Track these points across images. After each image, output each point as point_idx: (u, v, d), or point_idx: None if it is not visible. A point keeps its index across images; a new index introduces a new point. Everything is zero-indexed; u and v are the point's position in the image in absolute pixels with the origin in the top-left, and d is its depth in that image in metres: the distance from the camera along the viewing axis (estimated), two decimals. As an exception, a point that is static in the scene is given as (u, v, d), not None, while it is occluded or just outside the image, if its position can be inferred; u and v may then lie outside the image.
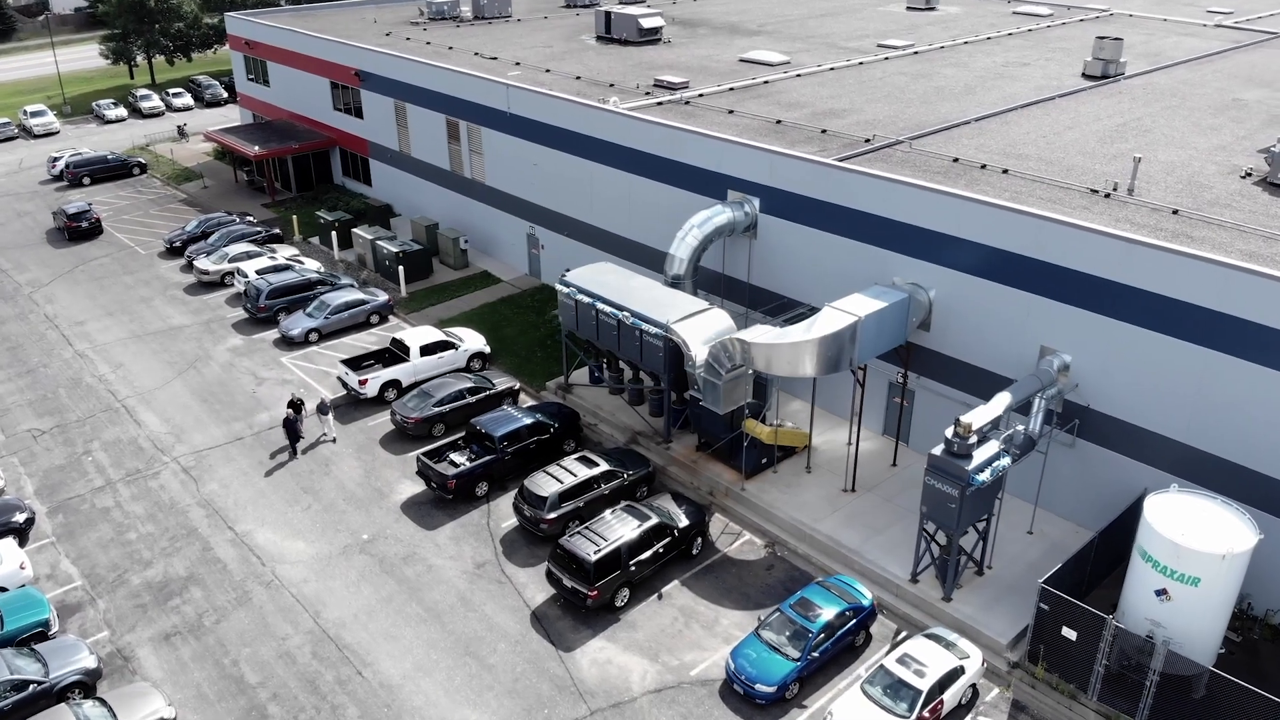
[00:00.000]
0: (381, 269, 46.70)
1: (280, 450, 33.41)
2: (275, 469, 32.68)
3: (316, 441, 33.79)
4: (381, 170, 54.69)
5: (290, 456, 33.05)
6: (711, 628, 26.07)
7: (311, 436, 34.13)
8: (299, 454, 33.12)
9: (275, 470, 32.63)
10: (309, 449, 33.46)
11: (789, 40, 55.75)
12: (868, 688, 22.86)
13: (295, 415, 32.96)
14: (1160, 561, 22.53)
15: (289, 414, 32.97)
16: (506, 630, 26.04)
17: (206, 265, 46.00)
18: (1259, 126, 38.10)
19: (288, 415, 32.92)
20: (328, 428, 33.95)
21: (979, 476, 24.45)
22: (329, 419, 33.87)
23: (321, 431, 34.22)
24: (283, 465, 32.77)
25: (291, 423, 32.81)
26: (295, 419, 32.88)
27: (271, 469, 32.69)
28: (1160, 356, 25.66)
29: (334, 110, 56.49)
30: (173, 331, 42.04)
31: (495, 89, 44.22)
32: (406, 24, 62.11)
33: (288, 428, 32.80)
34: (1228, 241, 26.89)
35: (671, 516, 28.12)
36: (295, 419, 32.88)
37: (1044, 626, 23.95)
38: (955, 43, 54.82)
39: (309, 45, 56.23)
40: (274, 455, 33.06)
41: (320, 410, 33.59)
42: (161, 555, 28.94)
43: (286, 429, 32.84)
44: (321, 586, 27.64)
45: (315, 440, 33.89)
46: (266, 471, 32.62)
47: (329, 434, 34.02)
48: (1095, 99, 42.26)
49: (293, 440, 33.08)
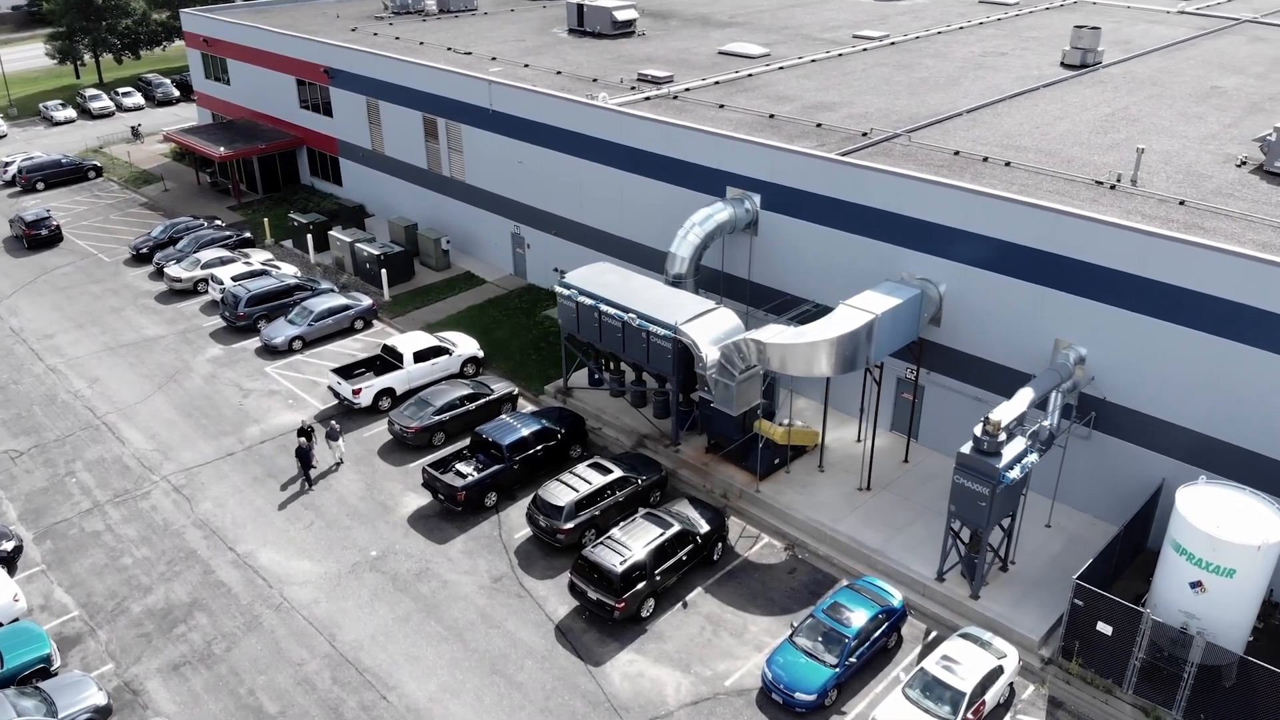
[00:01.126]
0: (361, 272, 45.45)
1: (292, 480, 31.52)
2: (272, 485, 31.54)
3: (329, 469, 32.12)
4: (353, 170, 53.27)
5: (303, 487, 31.24)
6: (741, 635, 25.66)
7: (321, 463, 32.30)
8: (312, 484, 31.43)
9: (273, 487, 31.49)
10: (321, 477, 31.72)
11: (763, 32, 55.35)
12: (909, 691, 22.63)
13: (308, 443, 31.09)
14: (1195, 554, 22.58)
15: (301, 442, 31.03)
16: (532, 646, 25.36)
17: (178, 272, 44.35)
18: (1242, 114, 38.59)
19: (300, 443, 31.01)
20: (339, 454, 32.33)
21: (1009, 474, 24.33)
22: (339, 444, 32.20)
23: (334, 459, 32.44)
24: (283, 484, 31.44)
25: (305, 451, 30.84)
26: (309, 447, 30.95)
27: (269, 486, 31.55)
28: (1178, 348, 25.74)
29: (300, 109, 54.86)
30: (148, 343, 40.44)
31: (476, 85, 43.18)
32: (371, 19, 60.56)
33: (300, 456, 30.88)
34: (1239, 232, 27.06)
35: (692, 523, 27.64)
36: (309, 447, 30.95)
37: (1078, 622, 23.94)
38: (929, 33, 54.88)
39: (274, 42, 54.49)
40: (285, 486, 31.20)
41: (330, 436, 31.94)
42: (161, 580, 27.73)
43: (299, 458, 30.91)
44: (334, 607, 26.69)
45: (327, 468, 32.17)
46: (263, 488, 31.46)
47: (340, 460, 32.41)
48: (1078, 89, 42.49)
49: (305, 469, 31.18)
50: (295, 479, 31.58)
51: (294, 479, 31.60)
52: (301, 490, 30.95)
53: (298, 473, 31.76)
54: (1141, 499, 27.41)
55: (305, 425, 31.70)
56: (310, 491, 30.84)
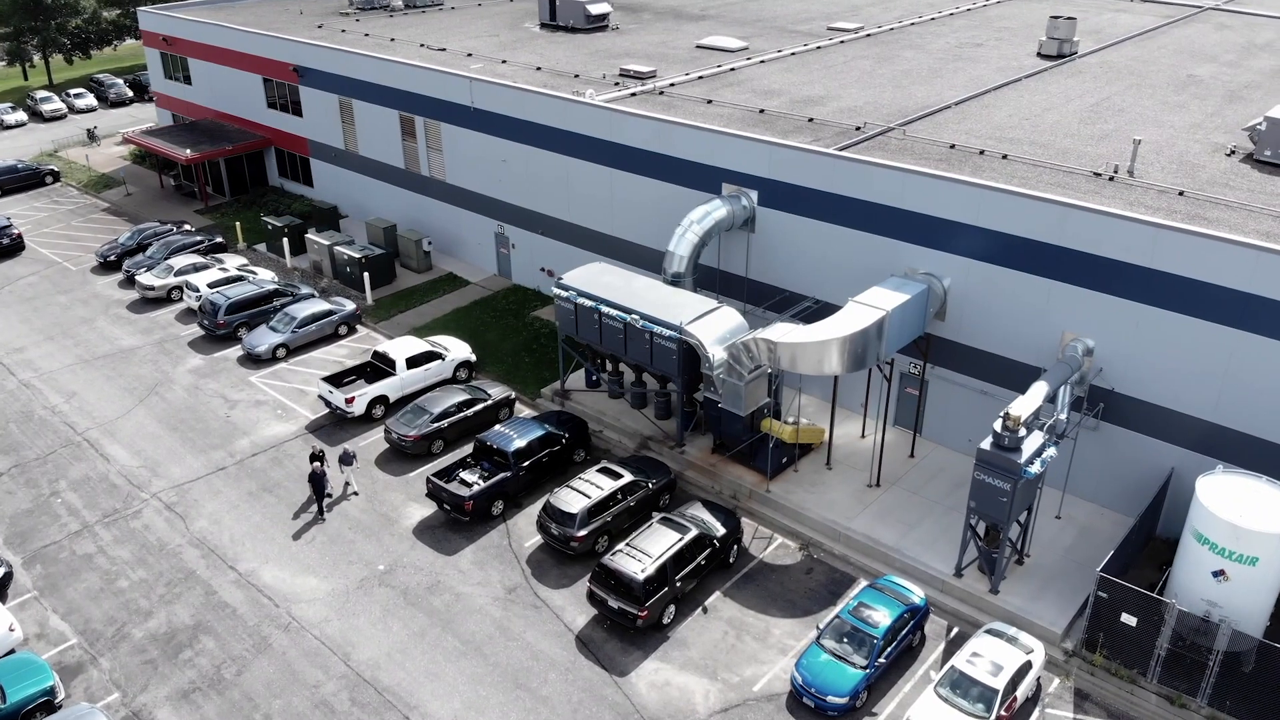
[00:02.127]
0: (341, 276, 44.39)
1: (304, 509, 29.98)
2: (269, 500, 30.63)
3: (343, 496, 30.60)
4: (324, 170, 52.01)
5: (318, 515, 29.71)
6: (764, 639, 25.41)
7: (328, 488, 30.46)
8: (326, 513, 29.89)
9: (270, 502, 30.58)
10: (333, 505, 30.20)
11: (737, 25, 55.06)
12: (942, 690, 22.55)
13: (322, 469, 29.50)
14: (1218, 544, 22.80)
15: (315, 467, 29.41)
16: (554, 658, 24.88)
17: (150, 280, 42.93)
18: (1222, 103, 39.14)
19: (313, 470, 29.39)
20: (351, 479, 30.79)
21: (1030, 468, 24.35)
22: (353, 471, 30.71)
23: (346, 485, 30.78)
24: (295, 513, 30.06)
25: (319, 478, 29.28)
26: (323, 473, 29.42)
27: (265, 501, 30.62)
28: (1188, 338, 25.95)
29: (268, 108, 53.41)
30: (124, 354, 39.08)
31: (457, 83, 42.31)
32: (336, 15, 59.18)
33: (314, 483, 29.31)
34: (1240, 222, 27.35)
35: (709, 526, 27.32)
36: (323, 473, 29.42)
37: (1101, 614, 24.05)
38: (902, 24, 55.02)
39: (239, 40, 52.95)
40: (297, 515, 29.62)
41: (344, 461, 30.27)
42: (161, 603, 26.75)
43: (313, 485, 29.35)
44: (346, 625, 25.95)
45: (341, 495, 30.69)
46: (260, 504, 30.52)
47: (352, 486, 30.79)
48: (1059, 79, 42.81)
49: (320, 497, 29.60)
50: (307, 507, 30.04)
51: (305, 507, 30.02)
52: (315, 519, 29.58)
53: (311, 500, 30.29)
54: (1152, 488, 27.67)
55: (317, 450, 30.14)
56: (324, 521, 29.52)
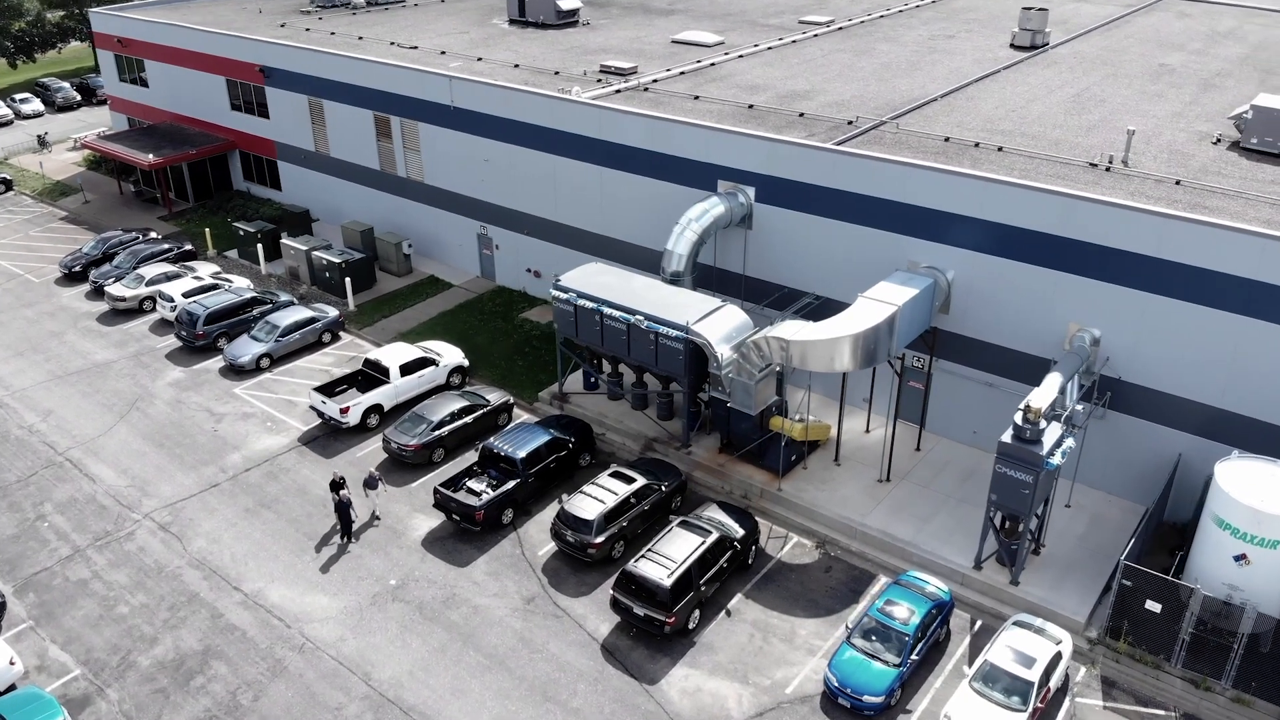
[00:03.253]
0: (320, 281, 43.28)
1: (328, 539, 28.44)
2: (268, 516, 29.69)
3: (368, 522, 29.24)
4: (293, 173, 50.70)
5: (344, 544, 28.32)
6: (791, 640, 25.24)
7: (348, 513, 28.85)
8: (354, 541, 28.49)
9: (269, 519, 29.65)
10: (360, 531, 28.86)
11: (707, 19, 54.80)
12: (976, 685, 22.57)
13: (348, 495, 28.14)
14: (1240, 528, 23.13)
15: (344, 494, 28.03)
16: (581, 668, 24.44)
17: (121, 291, 41.44)
18: (1198, 91, 39.84)
19: (340, 497, 28.00)
20: (375, 504, 29.55)
21: (1052, 460, 24.48)
22: (377, 495, 29.45)
23: (370, 512, 29.49)
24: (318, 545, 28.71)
25: (344, 505, 27.96)
26: (348, 500, 28.08)
27: (264, 517, 29.68)
28: (1195, 326, 26.29)
29: (232, 110, 51.89)
30: (99, 369, 37.65)
31: (436, 82, 41.43)
32: (296, 13, 57.71)
33: (340, 512, 28.00)
34: (1240, 210, 27.78)
35: (728, 528, 27.07)
36: (348, 500, 28.08)
37: (1125, 602, 24.28)
38: (871, 17, 55.25)
39: (200, 41, 51.31)
40: (320, 547, 28.09)
41: (368, 485, 28.93)
42: (166, 628, 25.75)
43: (339, 513, 28.04)
44: (363, 644, 25.22)
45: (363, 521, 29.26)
46: (259, 520, 29.57)
47: (377, 511, 29.51)
48: (1036, 70, 43.25)
49: (346, 525, 28.28)
50: (330, 538, 28.57)
51: (328, 538, 28.55)
52: (342, 549, 28.17)
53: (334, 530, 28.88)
54: (1159, 475, 28.06)
55: (338, 478, 28.62)
56: (350, 549, 28.14)
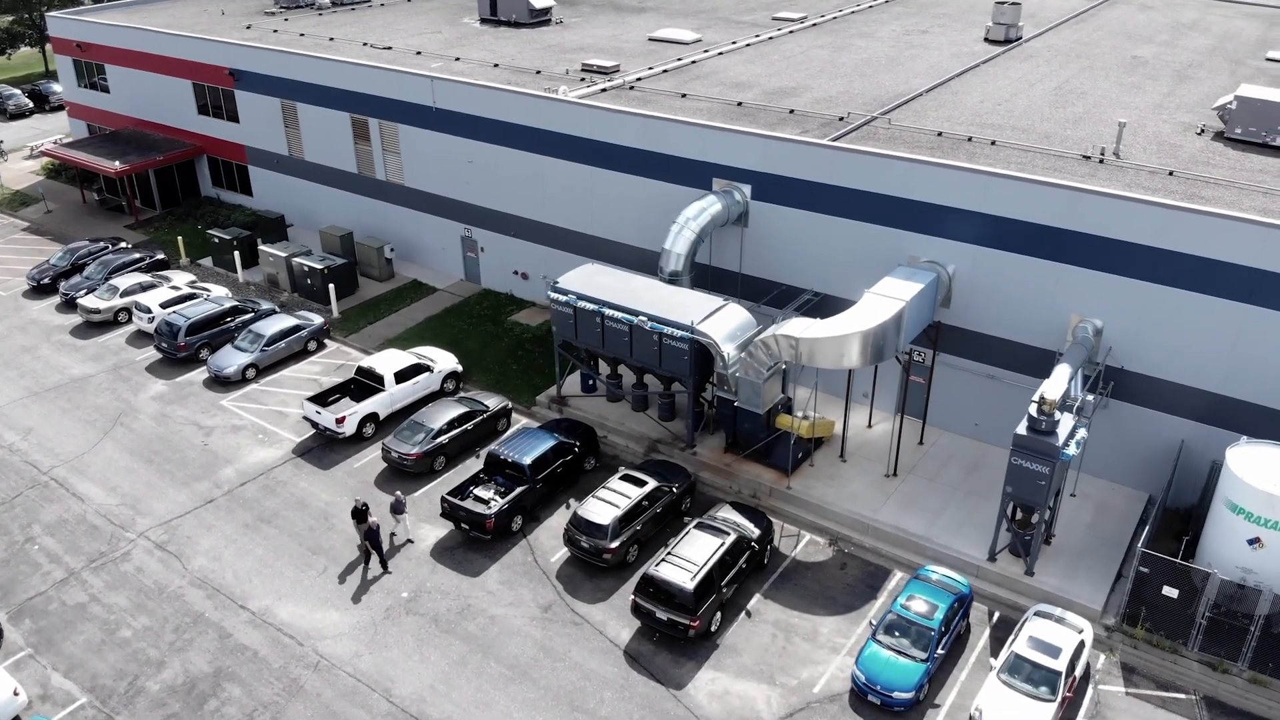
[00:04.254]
0: (302, 288, 42.35)
1: (352, 568, 27.31)
2: (268, 532, 28.95)
3: (394, 548, 28.20)
4: (265, 178, 49.56)
5: (381, 572, 27.25)
6: (813, 639, 25.18)
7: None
8: (388, 568, 27.41)
9: (269, 534, 28.90)
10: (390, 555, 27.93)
11: (679, 16, 54.62)
12: (1004, 676, 22.70)
13: (376, 521, 27.10)
14: (1253, 512, 23.52)
15: (372, 523, 26.99)
16: (605, 676, 24.14)
17: (95, 303, 40.16)
18: (1173, 83, 40.54)
19: (370, 525, 26.94)
20: (403, 529, 28.41)
21: (1067, 451, 24.70)
22: (405, 519, 28.43)
23: (396, 534, 28.36)
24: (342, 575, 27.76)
25: (375, 532, 26.94)
26: (377, 528, 26.98)
27: (265, 533, 28.93)
28: (1196, 314, 26.70)
29: (199, 115, 50.57)
30: (77, 384, 36.44)
31: (417, 82, 40.73)
32: (261, 14, 56.43)
33: (372, 539, 26.95)
34: (1235, 199, 28.27)
35: (745, 529, 26.93)
36: (377, 528, 26.98)
37: (1142, 589, 24.59)
38: (844, 13, 55.49)
39: (165, 44, 49.88)
40: (344, 577, 26.89)
41: (395, 510, 27.88)
42: (173, 651, 24.96)
43: (370, 541, 26.95)
44: (380, 659, 24.66)
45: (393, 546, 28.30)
46: (259, 535, 28.81)
47: (404, 536, 28.47)
48: (1014, 64, 43.71)
49: (379, 552, 27.21)
50: (354, 567, 27.43)
51: (352, 567, 27.41)
52: (376, 576, 27.08)
53: (363, 555, 27.69)
54: (1162, 461, 28.51)
55: (360, 504, 27.47)
56: (386, 574, 27.15)
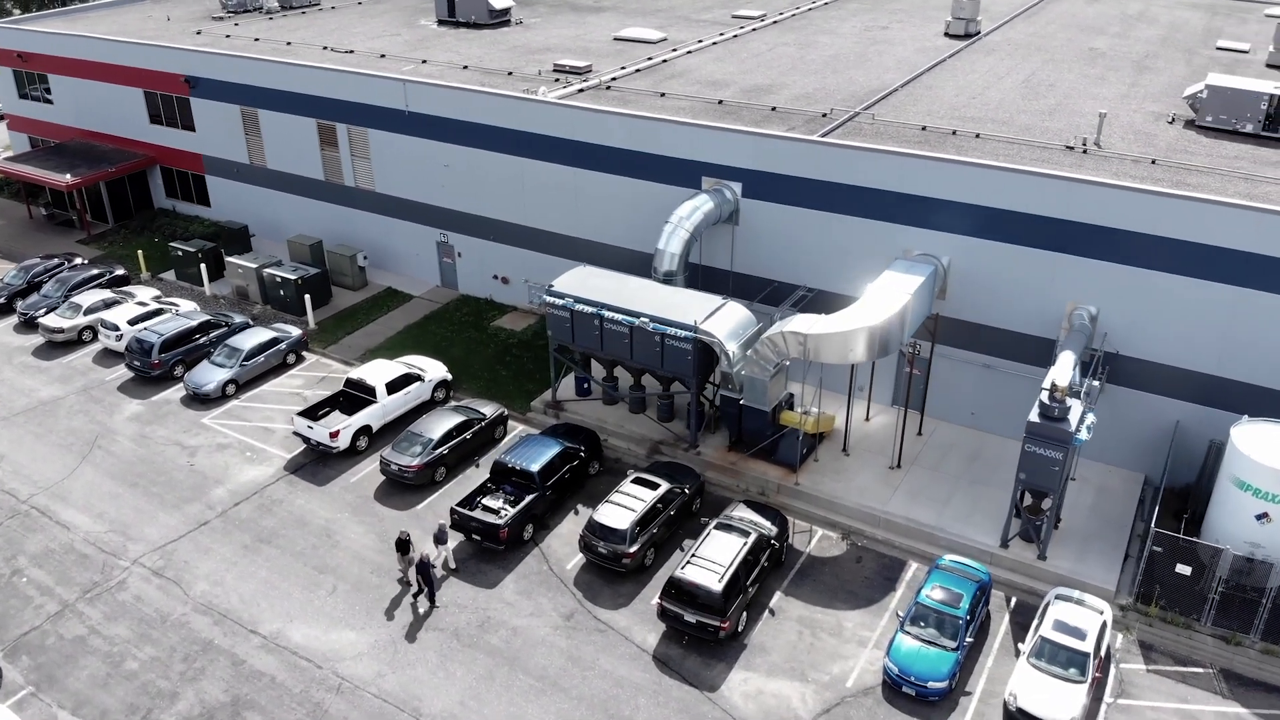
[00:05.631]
0: (274, 300, 41.17)
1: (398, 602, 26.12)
2: (269, 552, 28.06)
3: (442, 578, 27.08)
4: (224, 187, 48.08)
5: (430, 607, 26.03)
6: (839, 634, 25.27)
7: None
8: (436, 603, 26.19)
9: (271, 555, 28.00)
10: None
11: (638, 15, 54.48)
12: (1034, 660, 23.04)
13: (426, 555, 25.71)
14: (1261, 488, 24.25)
15: (424, 555, 25.70)
16: (638, 682, 23.89)
17: (58, 322, 38.51)
18: (1135, 74, 41.67)
19: (421, 557, 25.67)
20: (446, 559, 27.36)
21: (1079, 435, 25.18)
22: (448, 549, 27.33)
23: (436, 565, 26.72)
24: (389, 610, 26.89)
25: (426, 565, 25.59)
26: (427, 562, 25.58)
27: (266, 554, 28.04)
28: (1191, 298, 27.45)
29: (151, 124, 48.84)
30: (47, 407, 34.90)
31: (389, 86, 39.89)
32: (208, 19, 54.71)
33: (422, 573, 25.59)
34: (1220, 185, 29.14)
35: (764, 527, 26.91)
36: (427, 562, 25.58)
37: (1155, 567, 25.21)
38: (801, 9, 55.93)
39: (114, 52, 47.99)
40: (390, 611, 25.70)
41: (438, 540, 26.73)
42: (185, 681, 24.01)
43: (421, 574, 25.62)
44: (404, 678, 24.05)
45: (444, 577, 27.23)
46: (260, 557, 27.90)
47: (449, 566, 27.41)
48: (978, 58, 44.49)
49: (430, 586, 25.86)
50: (400, 601, 26.20)
51: (398, 601, 26.18)
52: (427, 611, 25.91)
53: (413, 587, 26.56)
54: (1157, 443, 29.28)
55: (404, 535, 26.50)
56: (436, 609, 25.97)
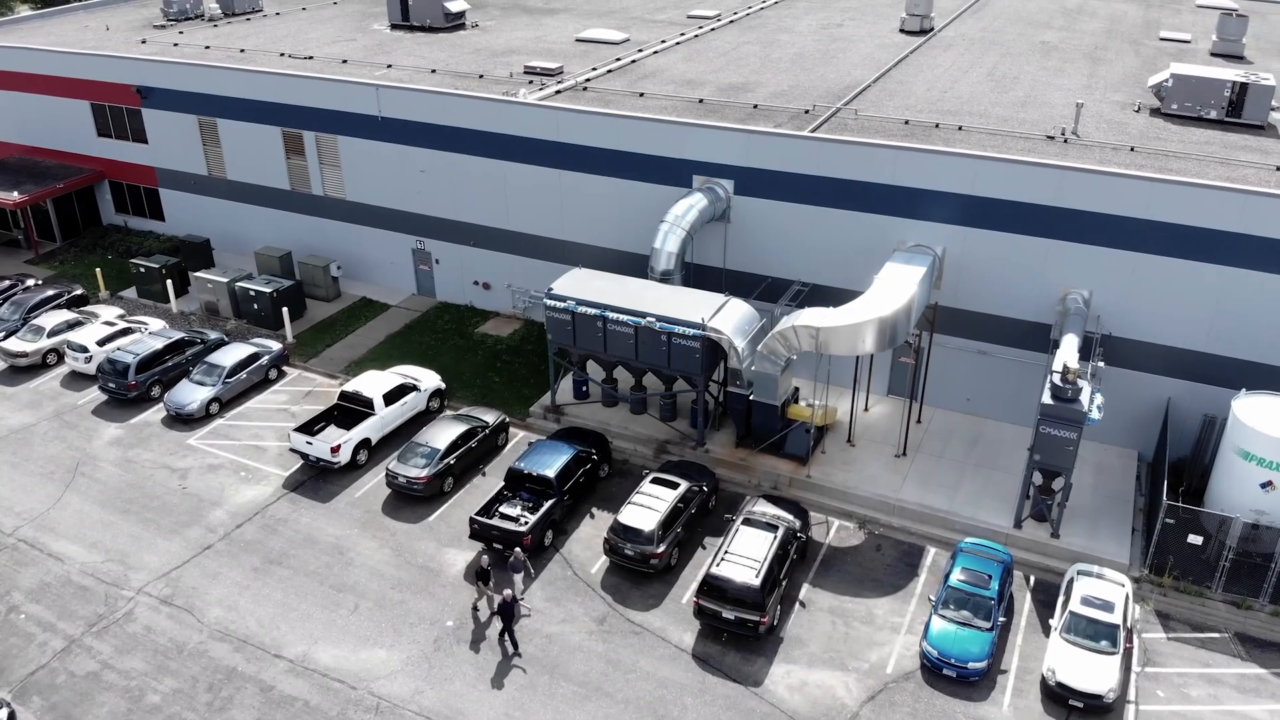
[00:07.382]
0: (248, 314, 39.92)
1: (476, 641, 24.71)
2: (280, 573, 27.22)
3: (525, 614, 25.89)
4: (180, 201, 46.43)
5: (513, 651, 24.39)
6: (871, 621, 25.59)
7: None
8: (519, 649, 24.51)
9: (283, 575, 27.16)
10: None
11: (591, 16, 54.28)
12: (1068, 636, 23.66)
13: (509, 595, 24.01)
14: (1265, 458, 25.34)
15: (506, 595, 23.89)
16: (682, 682, 23.83)
17: (20, 345, 36.72)
18: (1090, 65, 43.11)
19: (503, 599, 23.90)
20: (523, 589, 26.18)
21: (1092, 415, 25.95)
22: (520, 579, 25.90)
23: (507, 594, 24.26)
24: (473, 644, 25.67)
25: (509, 608, 23.88)
26: (513, 601, 24.00)
27: (278, 575, 27.18)
28: (1181, 279, 28.55)
29: (99, 137, 46.92)
30: (20, 435, 33.25)
31: (360, 91, 39.03)
32: (149, 28, 52.77)
33: (504, 614, 23.97)
34: (1200, 170, 30.35)
35: (789, 521, 27.09)
36: (513, 601, 24.00)
37: (1166, 539, 26.13)
38: (754, 9, 56.44)
39: (56, 63, 45.92)
40: (476, 646, 24.38)
41: (514, 569, 25.56)
42: (213, 711, 23.13)
43: (503, 616, 24.00)
44: (444, 693, 23.57)
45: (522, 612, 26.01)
46: (272, 578, 27.03)
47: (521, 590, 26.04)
48: (938, 53, 45.47)
49: (510, 627, 24.17)
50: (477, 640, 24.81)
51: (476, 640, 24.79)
52: (511, 655, 24.37)
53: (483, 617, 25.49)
54: (1150, 420, 30.37)
55: (486, 563, 25.17)
56: (519, 655, 24.41)
